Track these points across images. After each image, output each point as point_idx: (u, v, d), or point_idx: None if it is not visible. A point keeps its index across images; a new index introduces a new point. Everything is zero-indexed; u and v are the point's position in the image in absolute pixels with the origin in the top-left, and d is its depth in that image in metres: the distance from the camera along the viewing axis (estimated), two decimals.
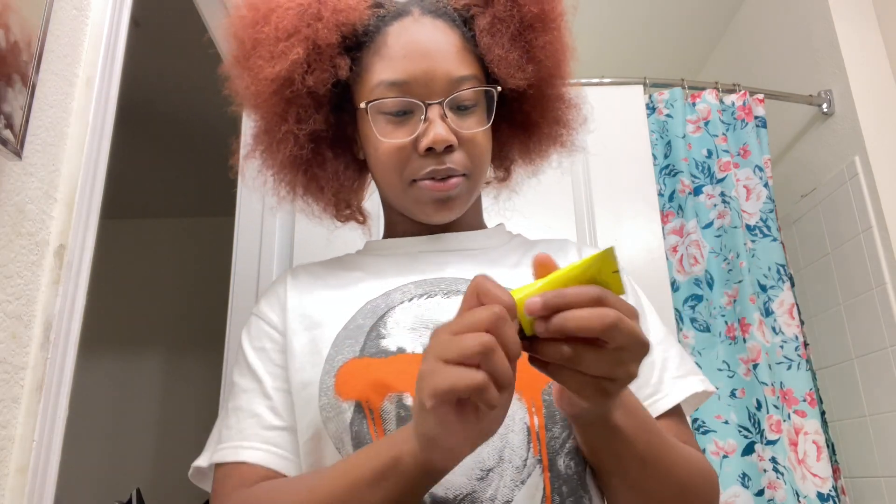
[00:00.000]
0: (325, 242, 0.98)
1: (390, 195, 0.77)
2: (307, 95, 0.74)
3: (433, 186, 0.72)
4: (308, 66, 0.73)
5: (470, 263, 0.76)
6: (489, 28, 0.75)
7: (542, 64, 0.77)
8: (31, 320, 0.71)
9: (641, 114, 1.76)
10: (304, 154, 0.77)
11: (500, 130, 0.83)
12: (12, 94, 0.65)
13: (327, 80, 0.74)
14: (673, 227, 1.72)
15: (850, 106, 1.83)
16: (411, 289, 0.72)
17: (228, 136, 0.96)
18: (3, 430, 0.66)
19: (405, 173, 0.72)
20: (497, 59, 0.75)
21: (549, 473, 0.62)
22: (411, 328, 0.67)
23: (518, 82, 0.76)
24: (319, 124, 0.76)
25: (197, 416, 3.24)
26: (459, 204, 0.75)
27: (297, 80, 0.73)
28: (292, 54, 0.72)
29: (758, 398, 1.54)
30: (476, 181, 0.75)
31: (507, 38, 0.75)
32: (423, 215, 0.75)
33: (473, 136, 0.73)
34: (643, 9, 2.42)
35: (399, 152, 0.72)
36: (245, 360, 0.74)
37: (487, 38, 0.75)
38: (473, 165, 0.73)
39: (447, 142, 0.70)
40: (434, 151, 0.70)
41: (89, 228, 0.79)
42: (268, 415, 0.69)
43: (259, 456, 0.66)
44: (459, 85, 0.72)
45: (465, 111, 0.73)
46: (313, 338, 0.70)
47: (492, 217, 0.89)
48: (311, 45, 0.73)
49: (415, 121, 0.71)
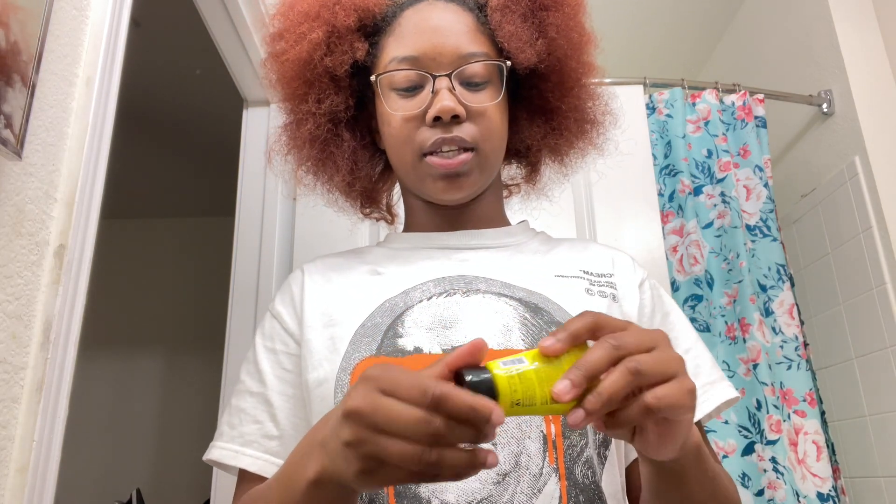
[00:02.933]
0: (325, 242, 0.99)
1: (402, 174, 0.78)
2: (326, 76, 0.77)
3: (440, 163, 0.72)
4: (327, 48, 0.76)
5: (490, 261, 0.76)
6: (501, 6, 0.76)
7: (554, 42, 0.77)
8: (31, 320, 0.71)
9: (641, 114, 1.76)
10: (321, 133, 0.79)
11: (519, 117, 0.83)
12: (12, 94, 0.65)
13: (345, 62, 0.77)
14: (673, 227, 1.72)
15: (850, 106, 1.83)
16: (430, 287, 0.72)
17: (228, 136, 0.97)
18: (3, 430, 0.66)
19: (415, 146, 0.73)
20: (508, 35, 0.76)
21: (566, 482, 0.61)
22: (429, 328, 0.67)
23: (528, 57, 0.76)
24: (337, 105, 0.78)
25: (197, 416, 3.25)
26: (469, 183, 0.74)
27: (317, 61, 0.76)
28: (312, 35, 0.76)
29: (758, 398, 1.54)
30: (487, 158, 0.75)
31: (519, 15, 0.76)
32: (432, 192, 0.75)
33: (484, 109, 0.73)
34: (643, 9, 2.42)
35: (409, 123, 0.73)
36: (254, 358, 0.74)
37: (498, 15, 0.76)
38: (483, 139, 0.73)
39: (453, 111, 0.70)
40: (441, 121, 0.71)
41: (89, 228, 0.79)
42: (269, 424, 0.70)
43: (259, 465, 0.68)
44: (468, 60, 0.73)
45: (475, 87, 0.74)
46: (331, 335, 0.70)
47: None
48: (331, 27, 0.76)
49: (424, 94, 0.73)
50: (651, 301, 0.77)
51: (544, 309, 0.69)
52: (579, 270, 0.76)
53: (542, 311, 0.69)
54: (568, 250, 0.80)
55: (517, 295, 0.70)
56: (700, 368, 0.73)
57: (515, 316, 0.68)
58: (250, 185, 1.65)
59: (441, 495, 0.59)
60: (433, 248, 0.78)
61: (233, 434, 0.70)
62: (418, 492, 0.59)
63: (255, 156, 1.67)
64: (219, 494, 1.41)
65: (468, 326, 0.67)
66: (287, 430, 0.69)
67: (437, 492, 0.59)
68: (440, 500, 0.59)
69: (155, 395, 3.56)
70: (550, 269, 0.76)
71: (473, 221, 0.80)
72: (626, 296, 0.75)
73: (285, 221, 1.63)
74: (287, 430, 0.69)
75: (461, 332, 0.66)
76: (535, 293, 0.71)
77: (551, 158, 0.87)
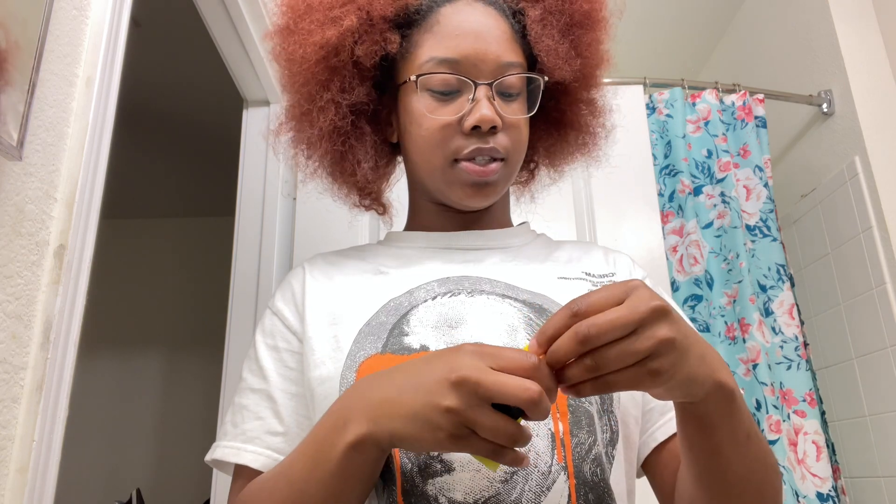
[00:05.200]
0: (325, 242, 0.99)
1: (426, 175, 0.76)
2: (353, 66, 0.75)
3: (474, 170, 0.71)
4: (359, 36, 0.73)
5: (493, 261, 0.76)
6: (541, 19, 0.76)
7: (587, 61, 0.79)
8: (31, 320, 0.71)
9: (641, 114, 1.76)
10: (344, 125, 0.76)
11: (536, 126, 0.84)
12: (12, 94, 0.65)
13: (376, 53, 0.74)
14: (673, 227, 1.72)
15: (850, 106, 1.83)
16: (435, 287, 0.71)
17: (228, 135, 0.97)
18: (3, 430, 0.66)
19: (447, 152, 0.72)
20: (547, 49, 0.75)
21: (575, 480, 0.61)
22: (434, 326, 0.67)
23: (565, 74, 0.77)
24: (362, 97, 0.76)
25: (197, 416, 3.25)
26: (495, 191, 0.74)
27: (347, 49, 0.73)
28: (346, 21, 0.72)
29: (757, 398, 1.54)
30: (512, 169, 0.75)
31: (558, 30, 0.76)
32: (456, 198, 0.74)
33: (517, 121, 0.73)
34: (643, 9, 2.42)
35: (444, 130, 0.71)
36: (256, 356, 0.74)
37: (538, 28, 0.76)
38: (513, 150, 0.74)
39: (493, 122, 0.70)
40: (479, 131, 0.70)
41: (89, 228, 0.79)
42: (272, 420, 0.69)
43: (261, 461, 0.67)
44: (507, 70, 0.72)
45: (509, 98, 0.73)
46: (334, 334, 0.69)
47: None
48: (365, 14, 0.73)
49: (462, 100, 0.71)
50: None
51: (548, 310, 0.69)
52: (581, 272, 0.76)
53: (547, 312, 0.69)
54: (569, 253, 0.81)
55: (521, 297, 0.70)
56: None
57: (520, 317, 0.68)
58: (250, 185, 1.65)
59: (448, 493, 0.59)
60: (437, 248, 0.78)
61: (235, 432, 0.70)
62: (426, 489, 0.59)
63: (255, 156, 1.67)
64: (219, 494, 1.41)
65: (474, 326, 0.67)
66: (292, 428, 0.69)
67: (445, 489, 0.59)
68: (447, 498, 0.59)
69: (155, 395, 3.56)
70: (553, 271, 0.76)
71: (479, 223, 0.80)
72: None
73: (285, 221, 1.63)
74: (292, 428, 0.69)
75: (467, 331, 0.66)
76: (539, 295, 0.71)
77: (549, 162, 0.88)
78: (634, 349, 0.46)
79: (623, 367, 0.47)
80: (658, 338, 0.47)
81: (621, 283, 0.49)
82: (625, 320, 0.46)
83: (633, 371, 0.47)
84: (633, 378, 0.47)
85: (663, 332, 0.47)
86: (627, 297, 0.48)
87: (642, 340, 0.46)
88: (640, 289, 0.48)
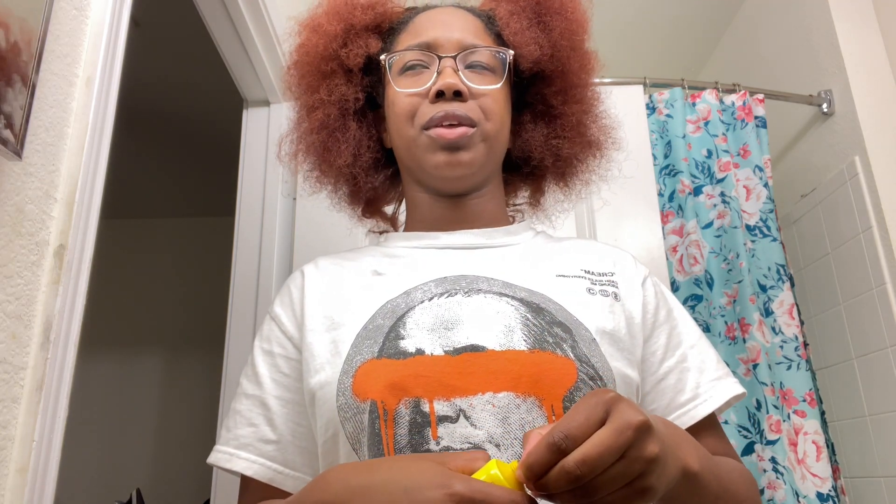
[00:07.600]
0: (325, 242, 0.99)
1: (405, 152, 0.80)
2: (340, 68, 0.83)
3: (440, 133, 0.74)
4: (343, 41, 0.83)
5: (491, 260, 0.76)
6: (508, 11, 0.84)
7: (558, 43, 0.82)
8: (31, 320, 0.71)
9: (641, 114, 1.76)
10: (329, 121, 0.83)
11: (524, 121, 0.86)
12: (12, 94, 0.65)
13: (359, 55, 0.82)
14: (673, 227, 1.73)
15: (850, 106, 1.83)
16: (432, 287, 0.71)
17: (228, 136, 0.98)
18: (3, 430, 0.66)
19: (416, 121, 0.76)
20: (513, 31, 0.82)
21: None
22: (430, 329, 0.67)
23: (532, 51, 0.80)
24: (347, 95, 0.83)
25: (197, 417, 3.25)
26: (468, 158, 0.75)
27: (332, 52, 0.83)
28: (330, 28, 0.83)
29: (757, 398, 1.54)
30: (487, 136, 0.77)
31: (525, 18, 0.82)
32: (433, 169, 0.76)
33: (485, 91, 0.77)
34: (643, 9, 2.42)
35: (412, 102, 0.77)
36: (252, 362, 0.74)
37: (506, 16, 0.83)
38: (484, 118, 0.76)
39: (455, 87, 0.74)
40: (444, 97, 0.74)
41: (89, 228, 0.79)
42: (265, 427, 0.70)
43: (255, 470, 0.68)
44: (473, 48, 0.78)
45: (479, 70, 0.78)
46: (333, 339, 0.69)
47: None
48: (348, 24, 0.83)
49: (429, 73, 0.77)
50: (655, 298, 0.77)
51: (546, 309, 0.69)
52: (580, 270, 0.76)
53: (544, 311, 0.69)
54: (569, 250, 0.80)
55: (519, 295, 0.70)
56: (705, 364, 0.73)
57: (517, 316, 0.68)
58: (250, 185, 1.65)
59: None
60: (434, 247, 0.78)
61: (228, 437, 0.70)
62: None
63: (255, 156, 1.67)
64: (219, 495, 1.41)
65: (470, 327, 0.67)
66: (285, 436, 0.69)
67: None
68: None
69: (155, 395, 3.56)
70: (552, 268, 0.75)
71: (475, 220, 0.80)
72: (627, 294, 0.75)
73: (285, 221, 1.63)
74: (285, 436, 0.69)
75: (463, 332, 0.66)
76: (537, 293, 0.71)
77: (555, 175, 0.89)
78: (625, 473, 0.46)
79: (614, 489, 0.46)
80: (647, 458, 0.46)
81: (595, 398, 0.47)
82: (615, 449, 0.45)
83: (623, 492, 0.46)
84: (624, 498, 0.46)
85: (651, 451, 0.46)
86: (608, 414, 0.46)
87: (632, 463, 0.46)
88: (618, 403, 0.47)
